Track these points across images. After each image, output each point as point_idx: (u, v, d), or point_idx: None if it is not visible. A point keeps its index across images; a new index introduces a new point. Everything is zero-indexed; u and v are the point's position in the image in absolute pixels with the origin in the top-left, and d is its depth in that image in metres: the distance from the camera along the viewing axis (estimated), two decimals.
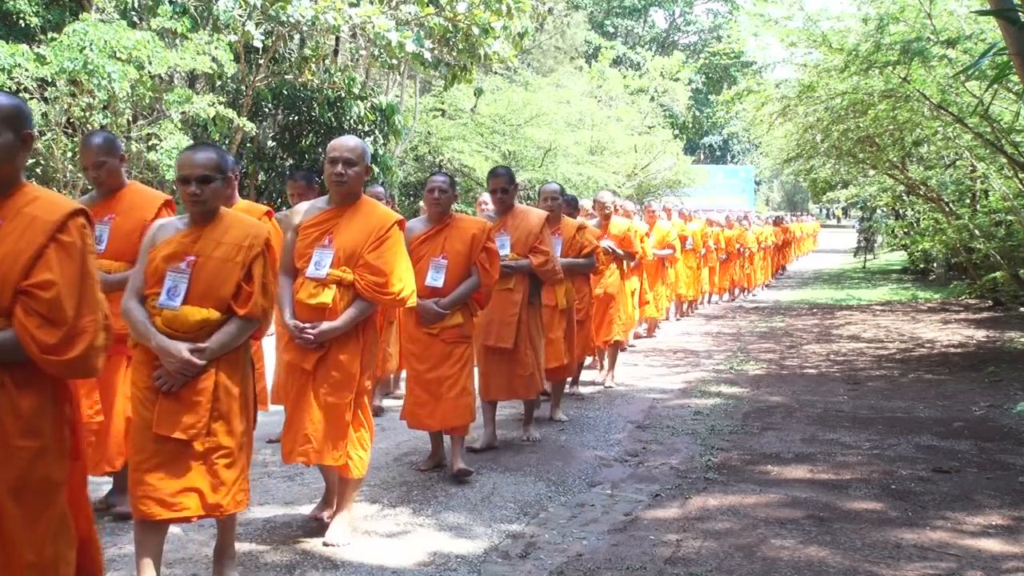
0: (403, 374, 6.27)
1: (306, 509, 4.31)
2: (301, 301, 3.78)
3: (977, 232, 12.07)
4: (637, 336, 10.43)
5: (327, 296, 3.72)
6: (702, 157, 41.91)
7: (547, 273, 5.48)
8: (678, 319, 13.08)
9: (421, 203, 6.12)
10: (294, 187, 5.64)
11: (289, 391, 3.83)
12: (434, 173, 5.01)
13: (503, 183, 5.46)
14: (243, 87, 11.19)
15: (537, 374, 5.48)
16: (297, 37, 12.39)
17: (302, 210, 4.00)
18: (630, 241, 7.93)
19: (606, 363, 7.94)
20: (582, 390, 7.46)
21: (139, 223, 3.87)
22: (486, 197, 6.90)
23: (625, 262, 7.97)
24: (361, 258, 3.78)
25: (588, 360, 7.85)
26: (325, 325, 3.71)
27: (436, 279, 4.71)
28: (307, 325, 3.71)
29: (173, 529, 3.96)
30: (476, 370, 5.11)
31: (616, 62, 27.40)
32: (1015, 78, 6.96)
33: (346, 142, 3.85)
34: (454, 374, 4.71)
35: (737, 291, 17.08)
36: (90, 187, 9.21)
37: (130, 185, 4.13)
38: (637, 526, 4.15)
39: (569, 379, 7.03)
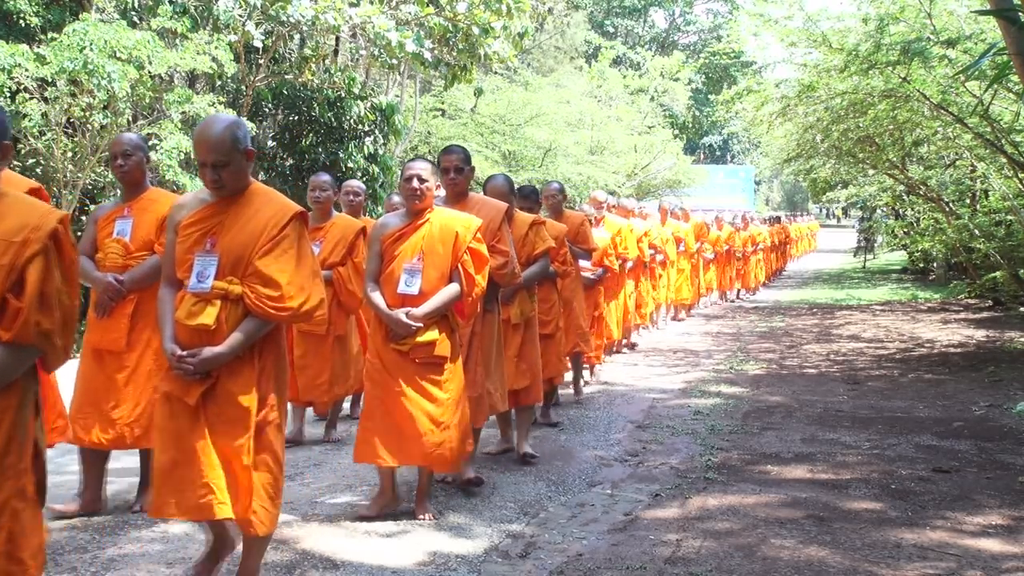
0: None
1: (306, 508, 4.31)
2: (180, 321, 3.09)
3: (977, 232, 12.07)
4: (630, 345, 10.00)
5: (208, 315, 3.04)
6: (702, 157, 41.92)
7: (506, 277, 4.60)
8: (663, 326, 12.26)
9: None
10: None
11: (166, 429, 3.12)
12: (414, 158, 4.37)
13: (457, 161, 4.60)
14: (243, 87, 11.18)
15: (494, 396, 4.62)
16: (297, 37, 12.39)
17: (186, 203, 3.25)
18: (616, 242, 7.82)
19: (585, 375, 7.44)
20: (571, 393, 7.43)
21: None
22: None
23: (617, 264, 7.88)
24: (250, 265, 3.07)
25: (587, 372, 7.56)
26: (207, 351, 3.02)
27: (410, 285, 4.01)
28: (185, 352, 3.04)
29: (174, 529, 3.97)
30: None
31: (616, 62, 27.39)
32: (1015, 78, 6.96)
33: (212, 126, 3.11)
34: (424, 404, 4.00)
35: (729, 292, 16.61)
36: (90, 186, 9.22)
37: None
38: (637, 526, 4.15)
39: (541, 405, 5.95)
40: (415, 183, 4.06)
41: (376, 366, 4.08)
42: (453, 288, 4.06)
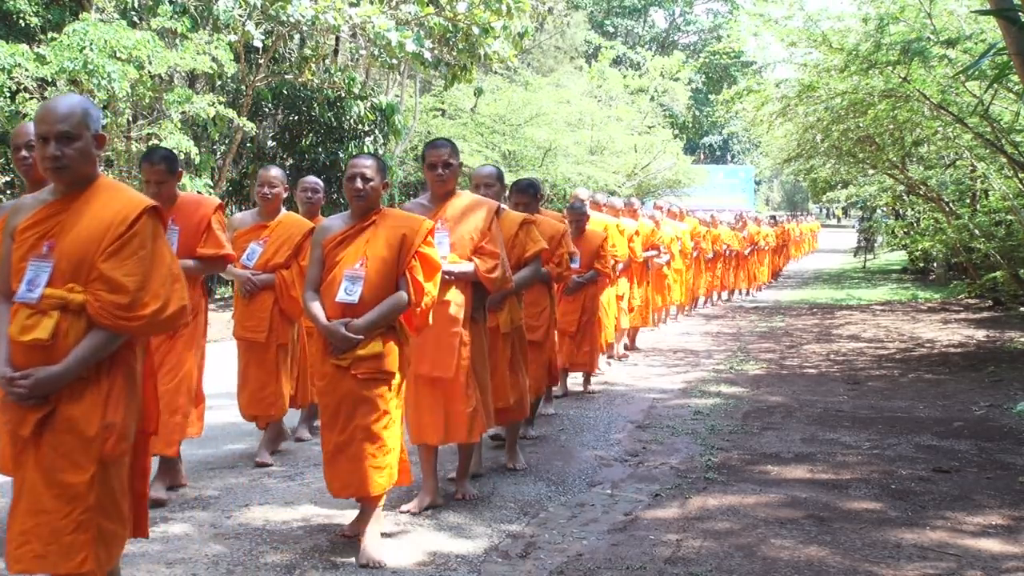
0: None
1: (306, 508, 4.31)
2: (12, 338, 2.66)
3: (977, 232, 12.07)
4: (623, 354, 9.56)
5: (43, 329, 2.59)
6: (702, 157, 41.93)
7: (496, 282, 4.27)
8: (662, 327, 12.11)
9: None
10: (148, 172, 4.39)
11: (7, 463, 2.75)
12: (359, 155, 3.96)
13: (445, 156, 4.23)
14: (243, 87, 11.19)
15: (482, 412, 4.32)
16: (297, 37, 12.40)
17: (24, 205, 2.83)
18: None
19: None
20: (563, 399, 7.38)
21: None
22: (309, 192, 5.60)
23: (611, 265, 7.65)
24: (94, 268, 2.64)
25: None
26: (41, 372, 2.58)
27: (350, 293, 3.62)
28: (18, 374, 2.60)
29: (174, 529, 3.97)
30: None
31: (616, 62, 27.38)
32: (1015, 78, 6.96)
33: (60, 100, 2.76)
34: (366, 426, 3.60)
35: (724, 293, 16.41)
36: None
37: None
38: (637, 526, 4.15)
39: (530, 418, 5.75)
40: (358, 183, 3.71)
41: (319, 387, 3.80)
42: (399, 297, 3.66)
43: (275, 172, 5.28)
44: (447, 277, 4.08)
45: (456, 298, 4.19)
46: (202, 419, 4.57)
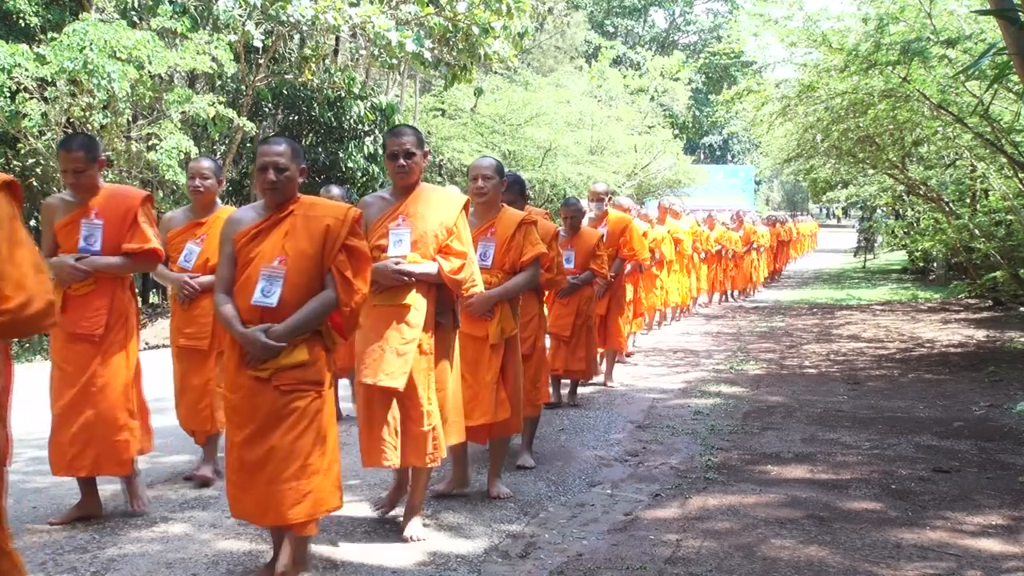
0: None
1: None
2: None
3: (977, 232, 12.07)
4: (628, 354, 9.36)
5: None
6: (702, 157, 41.95)
7: (459, 284, 3.91)
8: (658, 329, 11.99)
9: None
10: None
11: None
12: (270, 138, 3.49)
13: (408, 144, 3.83)
14: (243, 87, 11.19)
15: (440, 433, 3.85)
16: (297, 37, 12.40)
17: None
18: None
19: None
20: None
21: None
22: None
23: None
24: None
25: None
26: None
27: (268, 295, 3.22)
28: None
29: (174, 529, 3.98)
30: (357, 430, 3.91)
31: (616, 62, 27.40)
32: (1015, 78, 6.96)
33: None
34: (287, 445, 3.18)
35: (717, 295, 16.20)
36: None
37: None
38: (637, 526, 4.15)
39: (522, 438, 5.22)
40: (271, 175, 3.28)
41: (231, 401, 3.29)
42: (325, 297, 3.25)
43: (206, 163, 4.78)
44: (407, 279, 3.75)
45: (416, 302, 3.78)
46: (150, 432, 4.30)
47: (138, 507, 4.21)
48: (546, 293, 5.68)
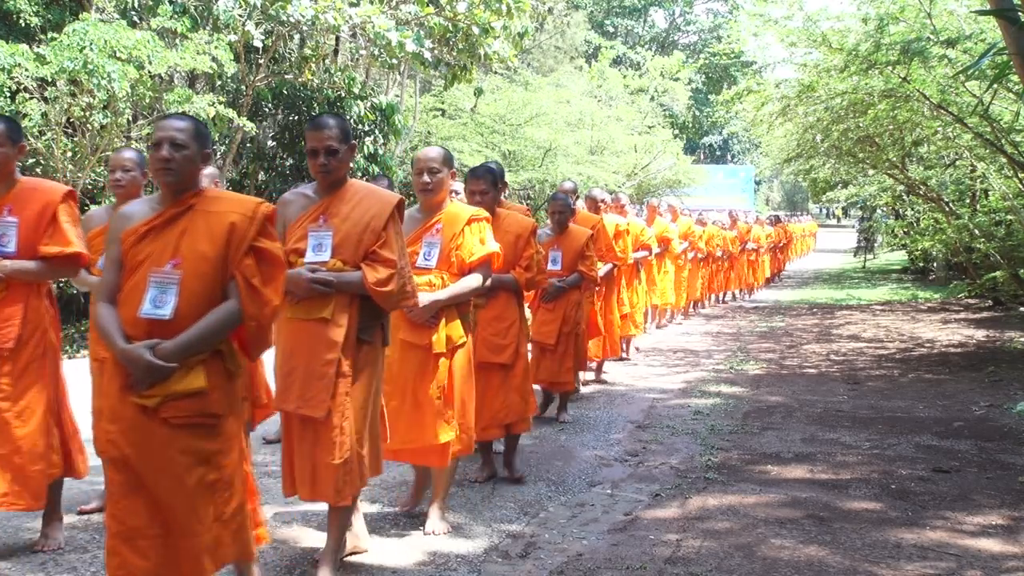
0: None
1: (305, 508, 4.31)
2: None
3: (977, 232, 12.07)
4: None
5: None
6: (702, 157, 41.94)
7: (389, 297, 3.33)
8: (652, 330, 11.62)
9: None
10: None
11: None
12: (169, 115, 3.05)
13: (329, 140, 3.31)
14: (243, 87, 11.18)
15: (359, 461, 3.32)
16: (297, 37, 12.39)
17: None
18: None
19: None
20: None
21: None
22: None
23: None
24: None
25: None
26: None
27: (160, 305, 2.68)
28: None
29: None
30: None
31: (616, 62, 27.38)
32: (1015, 78, 6.96)
33: None
34: (188, 490, 2.67)
35: (713, 296, 15.89)
36: (90, 186, 9.21)
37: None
38: (637, 526, 4.15)
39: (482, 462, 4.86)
40: (164, 150, 2.74)
41: (110, 434, 2.70)
42: (227, 309, 2.73)
43: (128, 154, 4.17)
44: (324, 288, 3.26)
45: (335, 316, 3.27)
46: (83, 452, 3.80)
47: (41, 546, 3.68)
48: (528, 295, 5.25)
